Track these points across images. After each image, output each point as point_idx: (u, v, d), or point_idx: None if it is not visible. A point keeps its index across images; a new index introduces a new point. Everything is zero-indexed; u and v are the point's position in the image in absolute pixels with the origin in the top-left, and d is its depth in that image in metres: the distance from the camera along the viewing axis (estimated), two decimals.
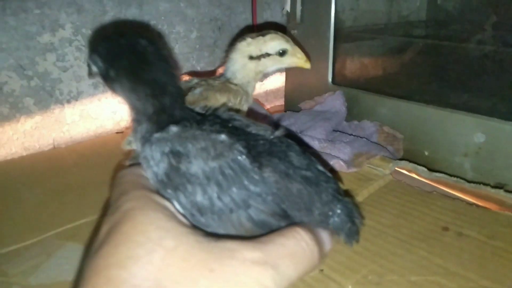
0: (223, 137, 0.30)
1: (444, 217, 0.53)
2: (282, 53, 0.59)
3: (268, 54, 0.59)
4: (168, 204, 0.29)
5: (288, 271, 0.26)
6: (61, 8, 0.74)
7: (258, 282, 0.24)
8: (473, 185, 0.61)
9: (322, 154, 0.67)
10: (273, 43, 0.59)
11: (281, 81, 1.05)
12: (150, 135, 0.32)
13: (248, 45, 0.59)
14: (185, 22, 0.91)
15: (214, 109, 0.35)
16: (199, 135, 0.30)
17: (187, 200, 0.29)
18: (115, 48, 0.33)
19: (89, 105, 0.82)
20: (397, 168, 0.66)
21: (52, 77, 0.77)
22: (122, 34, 0.34)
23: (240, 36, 0.61)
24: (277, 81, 1.09)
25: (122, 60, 0.33)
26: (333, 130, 0.77)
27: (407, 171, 0.66)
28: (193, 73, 0.90)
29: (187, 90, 0.56)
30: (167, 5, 0.87)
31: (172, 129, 0.31)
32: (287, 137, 0.34)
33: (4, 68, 0.71)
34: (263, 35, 0.59)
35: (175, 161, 0.29)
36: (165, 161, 0.30)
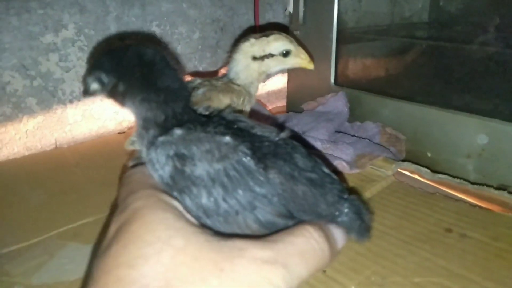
0: (227, 139, 0.30)
1: (447, 218, 0.53)
2: (286, 54, 0.59)
3: (271, 55, 0.59)
4: (176, 203, 0.29)
5: (299, 269, 0.26)
6: (64, 9, 0.74)
7: (269, 281, 0.24)
8: (476, 186, 0.61)
9: (324, 155, 0.67)
10: (276, 43, 0.59)
11: (283, 82, 1.05)
12: (155, 138, 0.32)
13: (252, 46, 0.59)
14: (187, 23, 0.91)
15: (219, 111, 0.35)
16: (204, 138, 0.30)
17: (193, 203, 0.29)
18: (123, 61, 0.33)
19: (91, 105, 0.82)
20: (399, 169, 0.66)
21: (55, 77, 0.77)
22: (126, 47, 0.33)
23: (242, 37, 0.61)
24: (279, 82, 1.08)
25: (133, 72, 0.33)
26: (336, 131, 0.77)
27: (410, 172, 0.66)
28: (195, 74, 0.90)
29: (190, 90, 0.56)
30: (169, 5, 0.87)
31: (177, 132, 0.31)
32: (292, 138, 0.34)
33: (7, 68, 0.71)
34: (267, 36, 0.59)
35: (180, 164, 0.29)
36: (170, 164, 0.30)
